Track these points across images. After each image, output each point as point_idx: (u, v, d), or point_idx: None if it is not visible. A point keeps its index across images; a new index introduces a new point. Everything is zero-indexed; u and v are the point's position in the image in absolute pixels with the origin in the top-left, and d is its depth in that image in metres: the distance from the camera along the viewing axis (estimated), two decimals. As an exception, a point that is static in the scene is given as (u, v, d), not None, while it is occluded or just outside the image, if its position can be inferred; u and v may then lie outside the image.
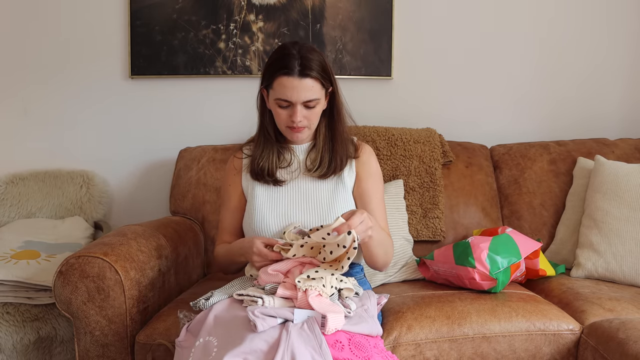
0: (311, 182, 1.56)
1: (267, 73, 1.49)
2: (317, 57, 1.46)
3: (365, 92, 2.49)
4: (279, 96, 1.45)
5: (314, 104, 1.47)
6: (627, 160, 2.18)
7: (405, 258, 1.99)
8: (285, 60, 1.44)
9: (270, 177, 1.55)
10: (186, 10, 2.42)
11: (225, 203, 1.65)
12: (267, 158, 1.55)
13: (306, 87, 1.44)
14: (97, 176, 2.44)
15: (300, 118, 1.46)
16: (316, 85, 1.45)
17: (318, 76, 1.45)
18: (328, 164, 1.55)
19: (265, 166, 1.55)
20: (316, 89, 1.46)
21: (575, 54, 2.52)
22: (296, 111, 1.45)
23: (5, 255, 2.00)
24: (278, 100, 1.47)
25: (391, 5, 2.44)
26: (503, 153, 2.33)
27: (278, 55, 1.47)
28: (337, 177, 1.57)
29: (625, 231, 1.90)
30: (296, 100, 1.44)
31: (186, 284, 1.96)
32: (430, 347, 1.54)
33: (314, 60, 1.45)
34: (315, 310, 1.25)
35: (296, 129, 1.49)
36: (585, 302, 1.69)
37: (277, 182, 1.55)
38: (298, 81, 1.43)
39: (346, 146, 1.58)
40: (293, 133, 1.51)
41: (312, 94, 1.45)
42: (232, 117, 2.46)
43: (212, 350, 1.19)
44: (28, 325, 1.87)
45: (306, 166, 1.57)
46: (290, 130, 1.51)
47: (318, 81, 1.45)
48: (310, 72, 1.43)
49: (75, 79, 2.47)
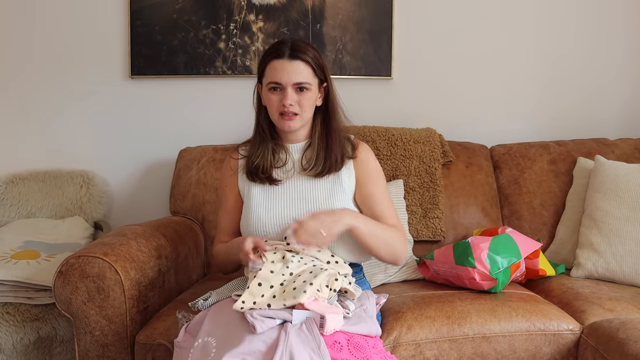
0: (307, 181, 1.55)
1: (260, 64, 1.53)
2: (310, 47, 1.50)
3: (365, 92, 2.49)
4: (270, 79, 1.48)
5: (306, 87, 1.48)
6: (627, 160, 2.18)
7: (405, 258, 1.99)
8: (276, 46, 1.50)
9: (265, 175, 1.55)
10: (186, 10, 2.42)
11: (222, 204, 1.65)
12: (262, 157, 1.56)
13: (296, 70, 1.46)
14: (97, 176, 2.44)
15: (291, 102, 1.47)
16: (307, 70, 1.48)
17: (310, 61, 1.48)
18: (323, 161, 1.54)
19: (260, 164, 1.55)
20: (307, 73, 1.48)
21: (575, 54, 2.52)
22: (287, 94, 1.47)
23: (5, 255, 2.00)
24: (270, 84, 1.49)
25: (391, 5, 2.44)
26: (503, 153, 2.33)
27: (270, 46, 1.53)
28: (334, 176, 1.55)
29: (625, 231, 1.90)
30: (286, 81, 1.46)
31: (186, 284, 1.96)
32: (430, 347, 1.54)
33: (306, 48, 1.49)
34: (314, 311, 1.25)
35: (287, 117, 1.49)
36: (585, 302, 1.69)
37: (273, 181, 1.55)
38: (288, 63, 1.46)
39: (342, 144, 1.57)
40: (285, 121, 1.50)
41: (303, 77, 1.47)
42: (232, 117, 2.46)
43: (211, 350, 1.19)
44: (28, 325, 1.87)
45: (302, 165, 1.56)
46: (282, 118, 1.50)
47: (309, 66, 1.48)
48: (300, 55, 1.47)
49: (75, 79, 2.47)
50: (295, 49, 1.47)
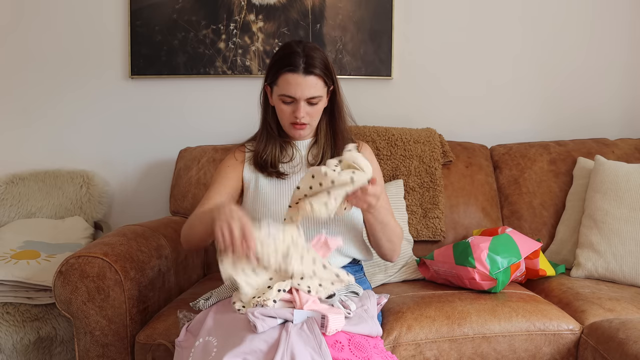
0: None
1: (271, 70, 1.52)
2: (320, 55, 1.50)
3: (365, 92, 2.49)
4: (283, 92, 1.49)
5: (317, 100, 1.50)
6: (627, 160, 2.18)
7: (405, 258, 1.99)
8: (290, 58, 1.47)
9: (273, 168, 1.57)
10: (186, 10, 2.42)
11: (217, 182, 1.58)
12: (270, 152, 1.58)
13: (310, 85, 1.47)
14: (97, 176, 2.44)
15: (303, 114, 1.50)
16: (319, 83, 1.49)
17: (321, 74, 1.48)
18: (330, 158, 1.56)
19: (268, 159, 1.57)
20: (319, 86, 1.49)
21: (575, 54, 2.52)
22: (299, 107, 1.49)
23: (5, 255, 2.00)
24: (282, 96, 1.50)
25: (391, 5, 2.44)
26: (503, 153, 2.33)
27: (283, 53, 1.50)
28: None
29: (625, 231, 1.90)
30: (300, 96, 1.48)
31: (186, 284, 1.96)
32: (430, 347, 1.54)
33: (318, 59, 1.48)
34: (315, 311, 1.25)
35: (299, 126, 1.52)
36: (585, 302, 1.69)
37: (280, 175, 1.57)
38: (302, 78, 1.46)
39: (347, 142, 1.58)
40: (295, 130, 1.54)
41: (315, 91, 1.48)
42: (232, 117, 2.46)
43: (212, 350, 1.19)
44: (28, 325, 1.87)
45: (308, 161, 1.59)
46: (292, 127, 1.54)
47: (321, 79, 1.49)
48: (314, 70, 1.47)
49: (75, 79, 2.47)
50: (309, 63, 1.46)
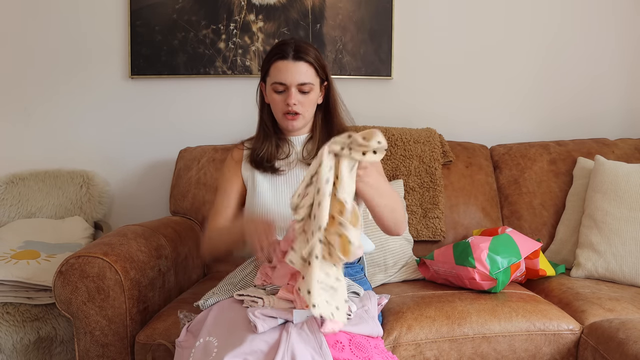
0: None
1: (264, 64, 1.56)
2: (312, 48, 1.54)
3: (365, 92, 2.49)
4: (274, 80, 1.52)
5: (308, 88, 1.52)
6: (627, 160, 2.18)
7: (405, 258, 1.99)
8: (280, 47, 1.53)
9: (268, 164, 1.59)
10: (186, 10, 2.42)
11: (222, 187, 1.66)
12: (266, 150, 1.60)
13: (300, 71, 1.50)
14: (97, 176, 2.44)
15: (295, 102, 1.51)
16: (310, 70, 1.51)
17: (312, 62, 1.51)
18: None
19: (264, 156, 1.60)
20: (310, 73, 1.51)
21: (575, 54, 2.52)
22: (291, 94, 1.50)
23: (5, 255, 2.00)
24: (274, 84, 1.52)
25: (391, 5, 2.44)
26: (503, 153, 2.33)
27: (274, 46, 1.56)
28: None
29: (625, 231, 1.90)
30: (290, 82, 1.50)
31: (186, 284, 1.96)
32: (430, 347, 1.54)
33: (309, 49, 1.52)
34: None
35: (291, 117, 1.53)
36: (585, 302, 1.69)
37: (276, 171, 1.58)
38: (292, 64, 1.50)
39: None
40: (289, 121, 1.55)
41: (306, 78, 1.51)
42: (232, 117, 2.46)
43: (213, 350, 1.19)
44: (28, 325, 1.87)
45: (302, 157, 1.61)
46: (285, 118, 1.55)
47: (312, 67, 1.52)
48: (304, 56, 1.50)
49: (75, 79, 2.47)
50: (299, 50, 1.50)
